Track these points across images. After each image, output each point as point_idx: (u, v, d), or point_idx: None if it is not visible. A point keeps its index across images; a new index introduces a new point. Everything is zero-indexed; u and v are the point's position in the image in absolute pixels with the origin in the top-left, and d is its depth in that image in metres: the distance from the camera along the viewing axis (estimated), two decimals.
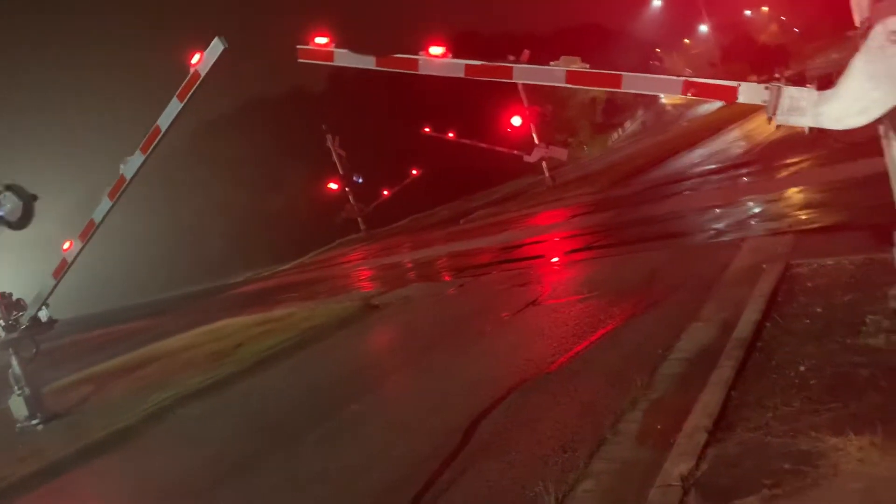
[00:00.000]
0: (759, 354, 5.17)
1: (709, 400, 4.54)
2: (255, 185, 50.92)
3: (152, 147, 9.60)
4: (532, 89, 32.34)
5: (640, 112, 58.38)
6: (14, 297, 10.86)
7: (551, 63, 6.04)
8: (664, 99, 62.38)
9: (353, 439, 6.52)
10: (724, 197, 13.94)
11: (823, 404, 4.13)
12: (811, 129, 4.78)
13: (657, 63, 63.34)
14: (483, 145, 36.11)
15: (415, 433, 6.18)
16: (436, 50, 6.43)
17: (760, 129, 20.74)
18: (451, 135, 38.59)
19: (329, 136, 39.19)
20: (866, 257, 6.52)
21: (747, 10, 65.72)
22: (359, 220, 41.35)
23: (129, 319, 28.80)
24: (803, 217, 10.18)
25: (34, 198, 10.48)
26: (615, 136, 51.15)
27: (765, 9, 66.58)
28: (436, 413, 6.59)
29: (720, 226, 11.37)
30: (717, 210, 12.78)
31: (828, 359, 4.73)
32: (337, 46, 6.89)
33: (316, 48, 7.02)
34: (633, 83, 5.87)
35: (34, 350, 10.80)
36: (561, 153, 31.95)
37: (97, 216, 10.18)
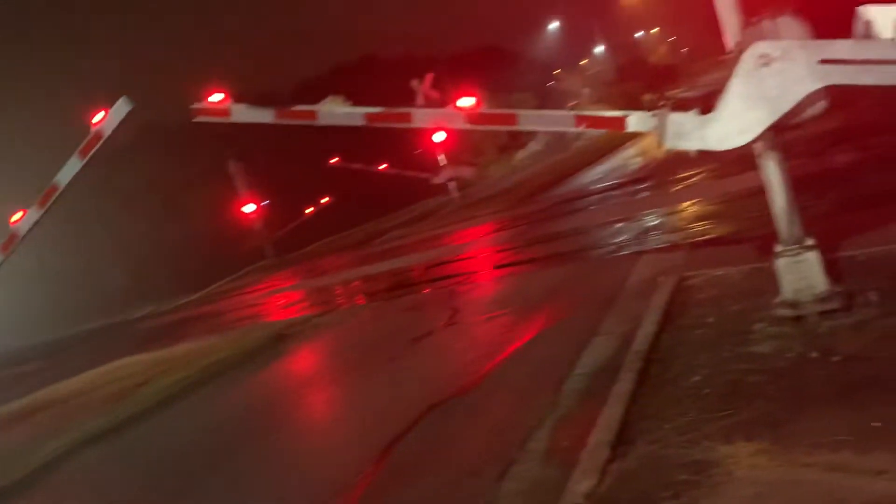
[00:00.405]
0: (657, 366, 5.35)
1: (610, 414, 4.65)
2: (156, 214, 49.21)
3: (49, 204, 9.17)
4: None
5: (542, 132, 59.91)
6: None
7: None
8: None
9: (264, 476, 6.32)
10: (623, 212, 14.43)
11: (716, 413, 4.31)
12: (697, 151, 4.97)
13: (558, 84, 65.24)
14: (392, 171, 36.14)
15: (327, 464, 6.07)
16: (333, 99, 6.45)
17: (655, 145, 21.65)
18: (358, 165, 38.42)
19: (233, 162, 38.42)
20: (752, 267, 6.87)
21: (639, 31, 68.85)
22: (267, 246, 40.55)
23: (24, 361, 27.09)
24: (696, 229, 10.65)
25: None
26: (520, 154, 52.25)
27: (655, 30, 69.88)
28: (348, 443, 6.50)
29: (620, 240, 11.76)
30: (618, 225, 13.22)
31: (719, 367, 4.95)
32: (235, 100, 6.81)
33: (211, 106, 6.95)
34: (529, 121, 6.06)
35: None
36: (468, 172, 32.41)
37: None
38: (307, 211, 44.20)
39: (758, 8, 4.90)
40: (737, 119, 4.56)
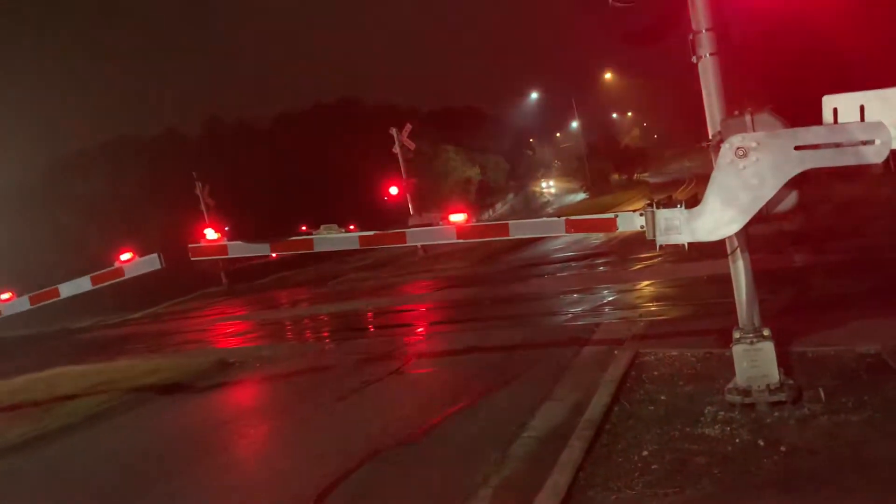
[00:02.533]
0: (607, 437, 5.36)
1: (557, 480, 4.63)
2: (112, 226, 48.17)
3: (40, 304, 9.48)
4: (410, 163, 33.06)
5: (510, 195, 60.88)
6: None
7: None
8: (536, 186, 65.53)
9: None
10: (582, 283, 14.63)
11: (662, 489, 4.32)
12: (689, 244, 5.04)
13: (530, 152, 66.66)
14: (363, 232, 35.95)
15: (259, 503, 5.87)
16: (328, 228, 6.68)
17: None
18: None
19: (199, 184, 37.95)
20: (707, 351, 7.01)
21: (614, 113, 71.03)
22: (221, 273, 39.82)
23: None
24: (653, 308, 10.83)
25: None
26: (486, 215, 52.85)
27: (630, 114, 72.16)
28: (282, 482, 6.29)
29: (577, 310, 11.88)
30: (576, 295, 13.37)
31: (668, 445, 4.98)
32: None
33: (208, 244, 7.09)
34: (521, 229, 6.23)
35: None
36: (435, 219, 32.50)
37: None
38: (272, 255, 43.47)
39: (740, 104, 5.12)
40: (722, 210, 4.69)
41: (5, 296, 10.09)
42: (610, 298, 12.44)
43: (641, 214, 5.09)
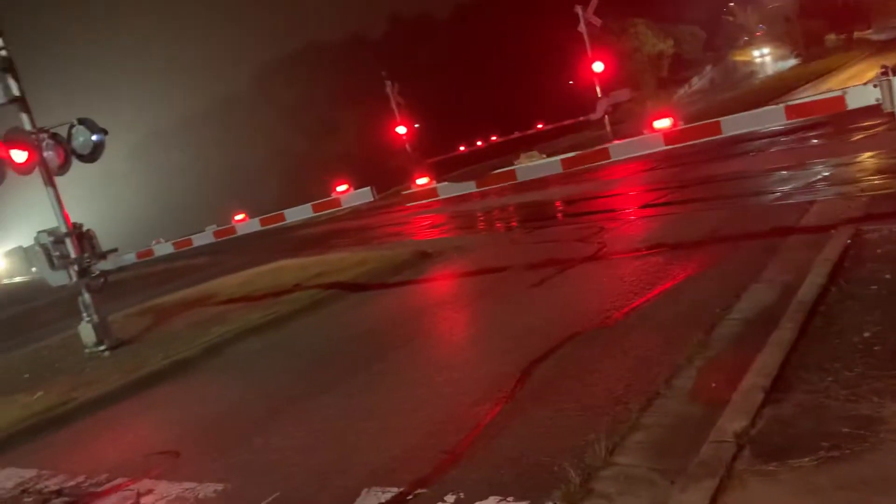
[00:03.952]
0: (822, 319, 5.08)
1: (767, 360, 4.49)
2: (312, 129, 51.09)
3: (268, 227, 11.41)
4: (596, 41, 31.51)
5: (708, 68, 56.45)
6: (84, 229, 11.29)
7: None
8: (739, 55, 60.20)
9: (404, 380, 6.63)
10: (792, 159, 13.53)
11: (887, 371, 4.05)
12: None
13: (730, 18, 60.92)
14: (549, 126, 35.31)
15: (466, 377, 6.26)
16: (529, 155, 6.95)
17: (835, 89, 19.85)
18: (516, 134, 37.69)
19: (388, 83, 38.94)
20: None
21: None
22: (417, 168, 41.18)
23: (192, 255, 29.58)
24: (876, 182, 9.83)
25: (104, 132, 10.84)
26: (681, 91, 49.59)
27: None
28: (488, 359, 6.67)
29: (787, 188, 11.07)
30: (785, 172, 12.42)
31: (894, 326, 4.62)
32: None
33: (419, 188, 7.65)
34: (734, 125, 5.85)
35: (102, 279, 11.24)
36: (624, 94, 31.03)
37: (196, 240, 11.87)
38: (464, 146, 44.03)
39: None
40: None
41: (240, 216, 11.92)
42: (825, 174, 11.42)
43: (875, 86, 4.56)
